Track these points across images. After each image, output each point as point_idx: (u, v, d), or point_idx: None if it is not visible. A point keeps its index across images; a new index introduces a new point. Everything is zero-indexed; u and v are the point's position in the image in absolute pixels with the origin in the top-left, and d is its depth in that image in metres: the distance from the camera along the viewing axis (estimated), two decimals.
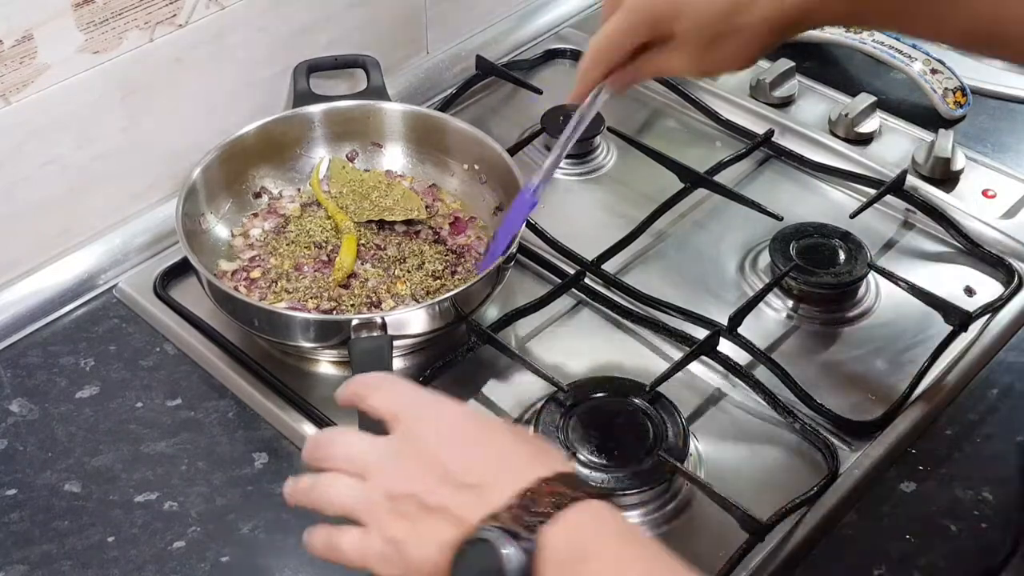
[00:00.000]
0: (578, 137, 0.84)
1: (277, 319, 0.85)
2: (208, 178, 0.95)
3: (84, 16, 0.88)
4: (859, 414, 0.86)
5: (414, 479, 0.57)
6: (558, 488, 0.54)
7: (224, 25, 0.99)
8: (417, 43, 1.20)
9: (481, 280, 0.86)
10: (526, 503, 0.54)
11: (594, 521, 0.54)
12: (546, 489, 0.54)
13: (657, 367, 0.87)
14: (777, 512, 0.77)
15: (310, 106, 1.02)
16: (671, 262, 1.00)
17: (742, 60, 0.71)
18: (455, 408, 0.62)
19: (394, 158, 1.04)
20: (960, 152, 1.08)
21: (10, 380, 0.88)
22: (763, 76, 1.16)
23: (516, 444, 0.59)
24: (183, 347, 0.91)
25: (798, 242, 0.97)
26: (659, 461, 0.79)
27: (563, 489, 0.54)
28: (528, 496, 0.54)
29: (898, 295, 0.95)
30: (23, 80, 0.87)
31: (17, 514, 0.79)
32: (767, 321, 0.95)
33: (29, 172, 0.91)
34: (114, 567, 0.76)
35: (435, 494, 0.56)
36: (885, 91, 1.18)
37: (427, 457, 0.57)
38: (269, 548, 0.77)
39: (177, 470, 0.82)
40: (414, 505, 0.56)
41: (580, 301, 0.96)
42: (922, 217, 1.04)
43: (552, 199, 1.07)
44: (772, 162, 1.12)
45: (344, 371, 0.89)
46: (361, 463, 0.59)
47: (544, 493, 0.54)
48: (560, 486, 0.55)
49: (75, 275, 0.96)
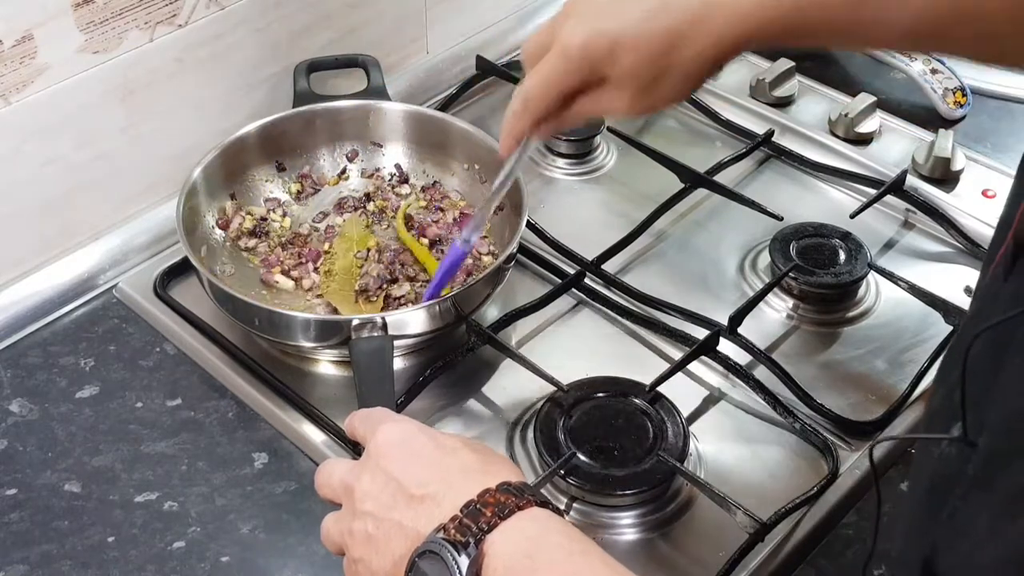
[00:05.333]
0: (506, 190, 0.79)
1: (277, 319, 0.85)
2: (208, 178, 0.95)
3: (84, 16, 0.88)
4: (859, 414, 0.86)
5: (372, 497, 0.60)
6: (502, 497, 0.56)
7: (224, 25, 0.99)
8: (417, 43, 1.20)
9: (481, 280, 0.86)
10: (471, 513, 0.56)
11: (536, 527, 0.56)
12: (489, 499, 0.56)
13: (657, 367, 0.87)
14: (777, 512, 0.77)
15: (310, 106, 1.02)
16: (671, 262, 1.00)
17: (680, 96, 0.68)
18: (411, 426, 0.64)
19: (394, 158, 1.04)
20: (960, 152, 1.08)
21: (10, 380, 0.88)
22: (763, 76, 1.16)
23: (466, 457, 0.60)
24: (183, 347, 0.91)
25: (798, 242, 0.97)
26: (659, 461, 0.79)
27: (507, 498, 0.56)
28: (472, 506, 0.56)
29: (898, 295, 0.95)
30: (23, 80, 0.87)
31: (17, 514, 0.79)
32: (767, 321, 0.95)
33: (29, 172, 0.91)
34: (114, 567, 0.76)
35: (391, 510, 0.59)
36: (885, 91, 1.18)
37: (383, 475, 0.60)
38: (269, 548, 0.77)
39: (177, 470, 0.82)
40: (372, 523, 0.59)
41: (580, 301, 0.96)
42: (922, 217, 1.04)
43: (552, 199, 1.07)
44: (772, 162, 1.12)
45: (344, 371, 0.89)
46: (341, 489, 0.62)
47: (488, 503, 0.56)
48: (505, 495, 0.56)
49: (75, 275, 0.96)
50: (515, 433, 0.85)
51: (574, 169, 1.10)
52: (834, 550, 0.78)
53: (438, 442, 0.62)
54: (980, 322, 0.48)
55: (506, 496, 0.56)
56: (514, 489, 0.57)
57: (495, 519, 0.55)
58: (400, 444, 0.62)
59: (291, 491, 0.81)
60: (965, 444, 0.46)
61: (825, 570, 0.77)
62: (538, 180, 1.09)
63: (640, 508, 0.79)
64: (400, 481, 0.59)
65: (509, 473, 0.59)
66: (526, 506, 0.56)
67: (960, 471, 0.47)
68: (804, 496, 0.78)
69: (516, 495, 0.57)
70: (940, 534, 0.46)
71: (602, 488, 0.78)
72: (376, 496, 0.59)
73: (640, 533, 0.78)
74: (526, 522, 0.56)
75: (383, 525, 0.58)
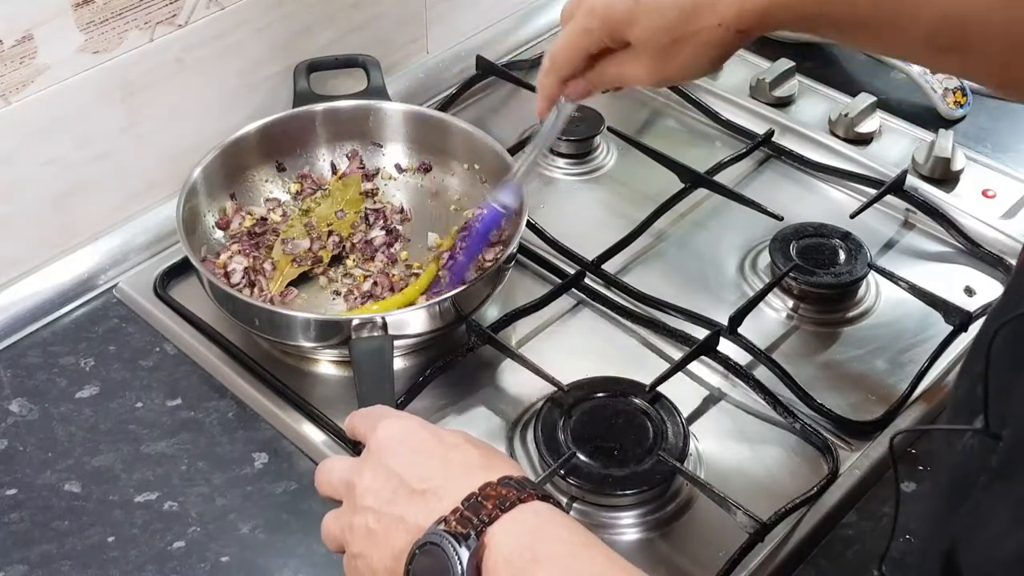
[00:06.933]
0: (538, 151, 0.83)
1: (278, 319, 0.85)
2: (208, 178, 0.95)
3: (84, 16, 0.88)
4: (859, 414, 0.86)
5: (373, 493, 0.60)
6: (503, 491, 0.56)
7: (224, 25, 0.99)
8: (417, 43, 1.20)
9: (481, 280, 0.86)
10: (472, 505, 0.56)
11: (537, 520, 0.56)
12: (491, 492, 0.56)
13: (657, 367, 0.87)
14: (777, 512, 0.77)
15: (310, 106, 1.02)
16: (671, 262, 1.00)
17: (701, 67, 0.69)
18: (412, 422, 0.64)
19: (394, 158, 1.04)
20: (960, 152, 1.08)
21: (10, 380, 0.88)
22: (763, 76, 1.16)
23: (468, 452, 0.61)
24: (183, 347, 0.91)
25: (798, 242, 0.97)
26: (659, 461, 0.79)
27: (508, 491, 0.56)
28: (473, 499, 0.56)
29: (898, 295, 0.95)
30: (23, 80, 0.87)
31: (17, 514, 0.79)
32: (767, 321, 0.95)
33: (29, 172, 0.91)
34: (114, 567, 0.76)
35: (391, 504, 0.58)
36: (885, 91, 1.18)
37: (384, 471, 0.60)
38: (269, 548, 0.77)
39: (177, 470, 0.82)
40: (372, 517, 0.59)
41: (580, 301, 0.96)
42: (922, 217, 1.04)
43: (552, 199, 1.07)
44: (772, 162, 1.12)
45: (344, 371, 0.89)
46: (341, 486, 0.62)
47: (489, 496, 0.56)
48: (506, 488, 0.56)
49: (75, 275, 0.96)
50: (515, 433, 0.85)
51: (574, 169, 1.10)
52: (834, 550, 0.78)
53: (439, 437, 0.62)
54: (1004, 315, 0.48)
55: (507, 489, 0.56)
56: (515, 483, 0.57)
57: (496, 511, 0.55)
58: (401, 440, 0.62)
59: (291, 491, 0.81)
60: (987, 436, 0.46)
61: (825, 570, 0.77)
62: (538, 180, 1.09)
63: (640, 508, 0.79)
64: (401, 476, 0.59)
65: (511, 468, 0.59)
66: (527, 499, 0.56)
67: (982, 464, 0.47)
68: (804, 496, 0.78)
69: (517, 488, 0.57)
70: (961, 527, 0.46)
71: (602, 488, 0.78)
72: (377, 491, 0.59)
73: (640, 533, 0.78)
74: (527, 515, 0.56)
75: (384, 520, 0.58)
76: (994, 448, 0.46)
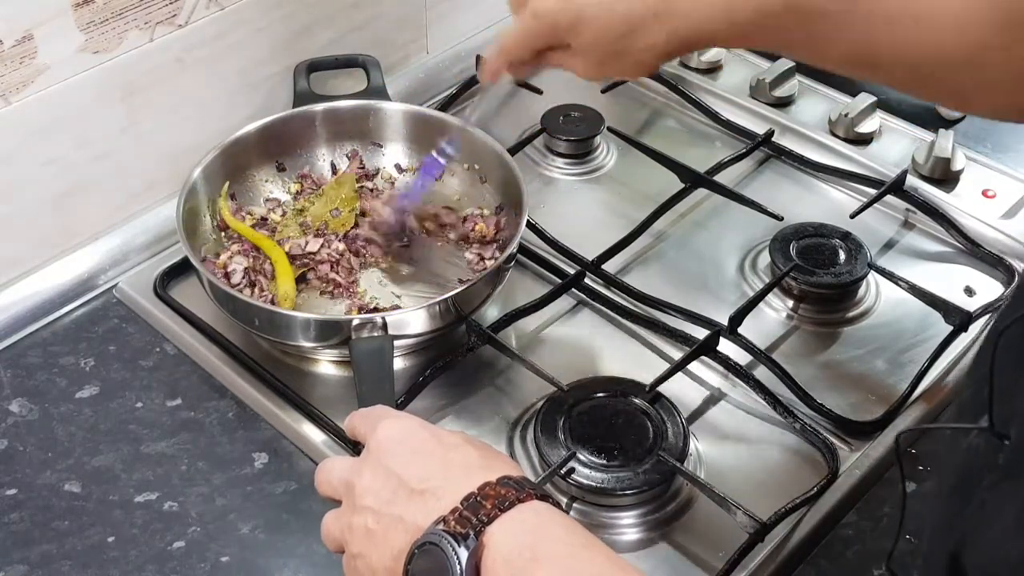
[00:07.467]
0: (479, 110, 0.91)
1: (278, 319, 0.85)
2: (208, 178, 0.95)
3: (84, 16, 0.88)
4: (859, 414, 0.86)
5: (372, 493, 0.60)
6: (502, 491, 0.56)
7: (224, 25, 0.99)
8: (417, 43, 1.20)
9: (481, 280, 0.86)
10: (471, 505, 0.56)
11: (537, 520, 0.56)
12: (490, 492, 0.56)
13: (657, 367, 0.87)
14: (777, 512, 0.77)
15: (310, 106, 1.02)
16: (671, 262, 1.00)
17: (634, 75, 0.77)
18: (412, 422, 0.64)
19: (394, 158, 1.04)
20: (960, 152, 1.08)
21: (10, 380, 0.88)
22: (763, 76, 1.16)
23: (467, 452, 0.61)
24: (183, 347, 0.91)
25: (798, 242, 0.97)
26: (659, 461, 0.79)
27: (507, 491, 0.56)
28: (472, 499, 0.56)
29: (898, 295, 0.95)
30: (23, 80, 0.87)
31: (17, 514, 0.79)
32: (767, 321, 0.95)
33: (29, 172, 0.91)
34: (114, 567, 0.76)
35: (391, 504, 0.59)
36: (885, 91, 1.17)
37: (384, 471, 0.60)
38: (269, 548, 0.77)
39: (177, 470, 0.82)
40: (372, 517, 0.59)
41: (580, 301, 0.96)
42: (922, 217, 1.04)
43: (552, 199, 1.07)
44: (772, 162, 1.12)
45: (344, 371, 0.89)
46: (341, 486, 0.63)
47: (488, 495, 0.56)
48: (505, 488, 0.57)
49: (75, 275, 0.96)
50: (515, 433, 0.85)
51: (574, 169, 1.10)
52: (834, 550, 0.78)
53: (439, 438, 0.62)
54: (1011, 315, 0.48)
55: (507, 489, 0.56)
56: (515, 483, 0.57)
57: (495, 511, 0.55)
58: (401, 440, 0.62)
59: (291, 491, 0.81)
60: (993, 435, 0.47)
61: (825, 570, 0.77)
62: (538, 180, 1.09)
63: (640, 508, 0.79)
64: (401, 476, 0.59)
65: (510, 469, 0.59)
66: (527, 499, 0.56)
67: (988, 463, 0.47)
68: (804, 496, 0.78)
69: (517, 488, 0.57)
70: (968, 528, 0.46)
71: (602, 488, 0.78)
72: (376, 491, 0.59)
73: (640, 533, 0.78)
74: (527, 514, 0.56)
75: (383, 519, 0.58)
76: (1000, 448, 0.46)
